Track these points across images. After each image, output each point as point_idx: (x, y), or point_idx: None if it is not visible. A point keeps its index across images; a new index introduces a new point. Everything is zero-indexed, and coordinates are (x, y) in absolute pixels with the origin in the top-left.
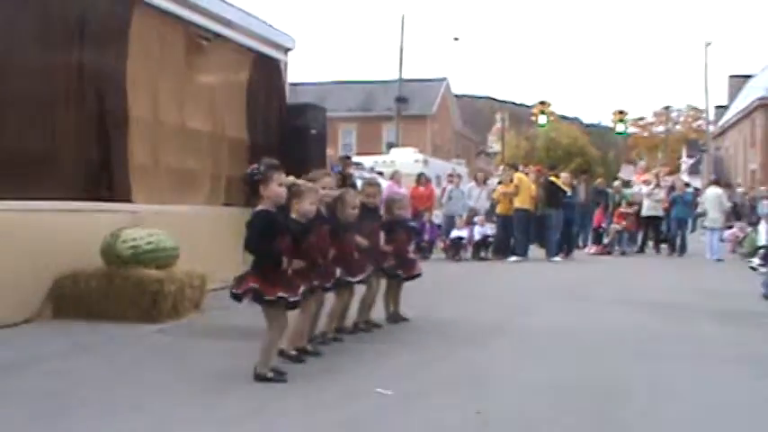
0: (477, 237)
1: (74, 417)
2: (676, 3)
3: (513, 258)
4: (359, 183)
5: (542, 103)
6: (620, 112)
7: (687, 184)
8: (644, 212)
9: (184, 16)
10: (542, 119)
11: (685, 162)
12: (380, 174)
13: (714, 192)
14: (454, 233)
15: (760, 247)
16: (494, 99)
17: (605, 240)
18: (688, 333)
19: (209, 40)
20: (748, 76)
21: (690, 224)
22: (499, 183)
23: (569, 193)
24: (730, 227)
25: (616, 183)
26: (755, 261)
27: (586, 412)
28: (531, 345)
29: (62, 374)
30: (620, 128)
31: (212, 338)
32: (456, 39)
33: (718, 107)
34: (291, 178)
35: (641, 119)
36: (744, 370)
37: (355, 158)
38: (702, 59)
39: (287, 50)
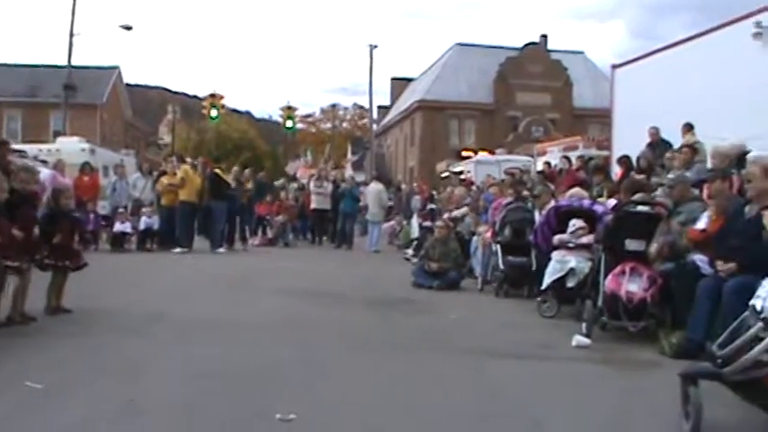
0: (142, 228)
1: None
2: (346, 6)
3: (178, 250)
4: None
5: (213, 95)
6: (289, 108)
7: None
8: (313, 206)
9: None
10: (213, 112)
11: (350, 160)
12: (44, 162)
13: (375, 188)
14: (118, 225)
15: (413, 240)
16: (167, 90)
17: (269, 233)
18: (341, 319)
19: None
20: (409, 79)
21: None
22: (161, 174)
23: (234, 186)
24: (389, 220)
25: (283, 178)
26: (409, 252)
27: (240, 397)
28: (188, 334)
29: None
30: (288, 123)
31: None
32: (129, 28)
33: (381, 107)
34: None
35: (309, 116)
36: (387, 352)
37: (18, 146)
38: (368, 61)
39: None
